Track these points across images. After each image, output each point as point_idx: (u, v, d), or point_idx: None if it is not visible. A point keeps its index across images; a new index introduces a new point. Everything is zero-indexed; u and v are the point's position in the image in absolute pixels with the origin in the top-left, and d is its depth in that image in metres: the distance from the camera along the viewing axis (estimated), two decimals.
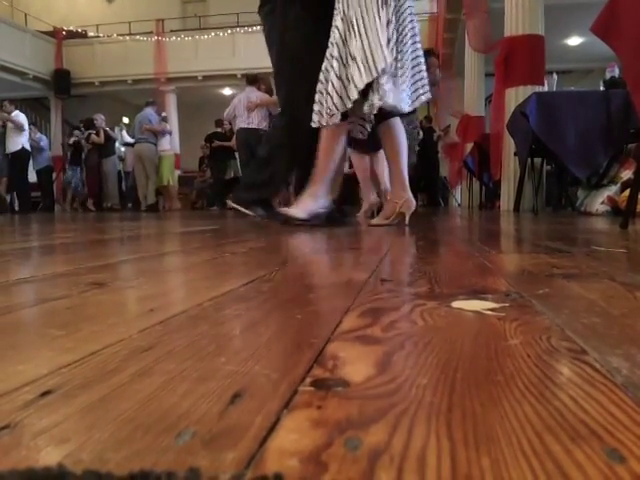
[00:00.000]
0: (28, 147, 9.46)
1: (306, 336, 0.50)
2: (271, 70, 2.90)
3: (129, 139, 11.00)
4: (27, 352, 0.45)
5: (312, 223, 2.46)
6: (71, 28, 14.39)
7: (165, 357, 0.42)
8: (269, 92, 6.88)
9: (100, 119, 10.58)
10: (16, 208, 10.18)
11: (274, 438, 0.27)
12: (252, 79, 7.25)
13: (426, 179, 9.09)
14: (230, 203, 2.77)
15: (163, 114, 10.58)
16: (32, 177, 10.39)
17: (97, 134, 10.49)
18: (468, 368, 0.38)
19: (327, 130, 2.53)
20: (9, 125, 9.20)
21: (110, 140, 10.75)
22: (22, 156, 9.29)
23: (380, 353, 0.42)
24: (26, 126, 9.38)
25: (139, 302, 0.68)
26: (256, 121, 6.96)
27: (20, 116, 9.31)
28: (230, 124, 8.52)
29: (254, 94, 6.99)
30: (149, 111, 9.70)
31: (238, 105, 7.09)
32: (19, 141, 9.17)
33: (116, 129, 11.36)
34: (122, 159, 11.53)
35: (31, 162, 10.10)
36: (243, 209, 2.72)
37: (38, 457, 0.26)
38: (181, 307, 0.62)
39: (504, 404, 0.31)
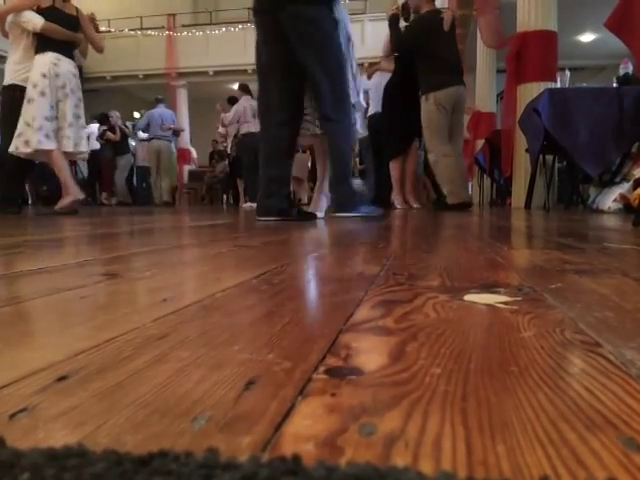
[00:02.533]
0: None
1: (319, 326, 0.50)
2: None
3: (143, 135, 11.03)
4: (43, 339, 0.45)
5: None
6: None
7: (179, 345, 0.42)
8: None
9: (115, 116, 10.51)
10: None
11: (289, 423, 0.27)
12: (246, 88, 8.09)
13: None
14: None
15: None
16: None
17: (112, 131, 10.41)
18: (482, 359, 0.38)
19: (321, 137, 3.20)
20: None
21: (125, 137, 10.72)
22: None
23: (393, 343, 0.43)
24: None
25: (152, 292, 0.68)
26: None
27: None
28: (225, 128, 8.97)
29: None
30: (165, 109, 9.75)
31: (245, 112, 7.98)
32: None
33: (129, 124, 11.38)
34: (133, 154, 11.56)
35: None
36: None
37: (55, 439, 0.26)
38: (194, 297, 0.62)
39: (518, 393, 0.31)
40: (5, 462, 0.20)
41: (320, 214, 3.29)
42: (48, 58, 3.93)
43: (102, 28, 14.20)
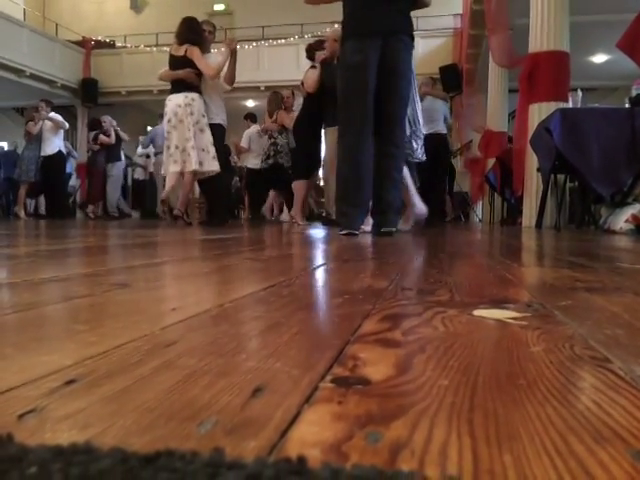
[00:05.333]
0: (65, 150, 8.92)
1: (326, 337, 0.50)
2: (292, 82, 3.17)
3: (142, 150, 10.69)
4: (52, 344, 0.46)
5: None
6: (99, 38, 14.67)
7: (187, 353, 0.42)
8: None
9: (108, 120, 9.74)
10: (40, 212, 10.09)
11: (295, 430, 0.27)
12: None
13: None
14: None
15: None
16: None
17: (107, 134, 9.60)
18: (490, 372, 0.38)
19: None
20: (45, 127, 8.51)
21: (120, 142, 9.92)
22: (59, 159, 8.66)
23: (401, 355, 0.42)
24: (66, 125, 8.85)
25: (161, 302, 0.68)
26: None
27: (58, 116, 8.69)
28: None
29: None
30: None
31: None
32: (56, 143, 8.59)
33: (141, 138, 11.32)
34: (140, 166, 11.25)
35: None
36: None
37: (62, 439, 0.26)
38: (203, 307, 0.62)
39: (527, 406, 0.31)
40: (13, 456, 0.20)
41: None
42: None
43: (118, 44, 14.49)
